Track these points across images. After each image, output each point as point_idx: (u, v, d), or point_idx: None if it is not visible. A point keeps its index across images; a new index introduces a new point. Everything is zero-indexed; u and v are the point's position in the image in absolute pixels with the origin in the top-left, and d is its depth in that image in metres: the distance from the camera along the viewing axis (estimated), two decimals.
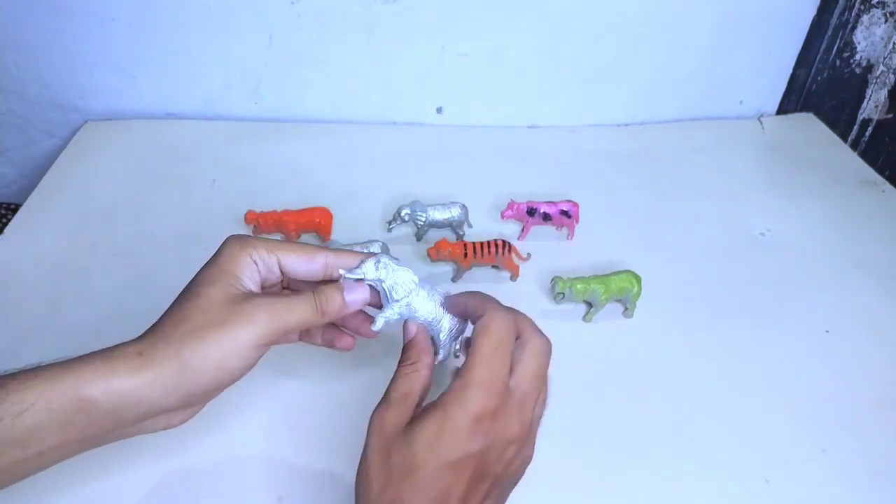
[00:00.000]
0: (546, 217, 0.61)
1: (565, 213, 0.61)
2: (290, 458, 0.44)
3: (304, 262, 0.37)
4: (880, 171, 0.75)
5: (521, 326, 0.34)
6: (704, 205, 0.69)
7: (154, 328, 0.33)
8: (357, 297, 0.37)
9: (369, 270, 0.37)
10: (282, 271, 0.37)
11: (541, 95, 0.79)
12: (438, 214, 0.60)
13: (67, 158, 0.72)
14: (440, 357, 0.38)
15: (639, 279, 0.54)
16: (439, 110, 0.80)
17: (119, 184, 0.68)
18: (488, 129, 0.79)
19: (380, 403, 0.34)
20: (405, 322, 0.38)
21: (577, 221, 0.62)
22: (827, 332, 0.55)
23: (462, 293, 0.37)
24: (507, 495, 0.34)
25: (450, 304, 0.38)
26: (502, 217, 0.62)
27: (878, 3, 0.77)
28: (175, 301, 0.35)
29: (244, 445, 0.45)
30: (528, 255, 0.59)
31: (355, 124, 0.79)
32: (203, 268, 0.36)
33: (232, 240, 0.37)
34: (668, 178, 0.73)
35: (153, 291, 0.58)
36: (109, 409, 0.31)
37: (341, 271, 0.37)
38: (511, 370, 0.32)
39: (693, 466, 0.45)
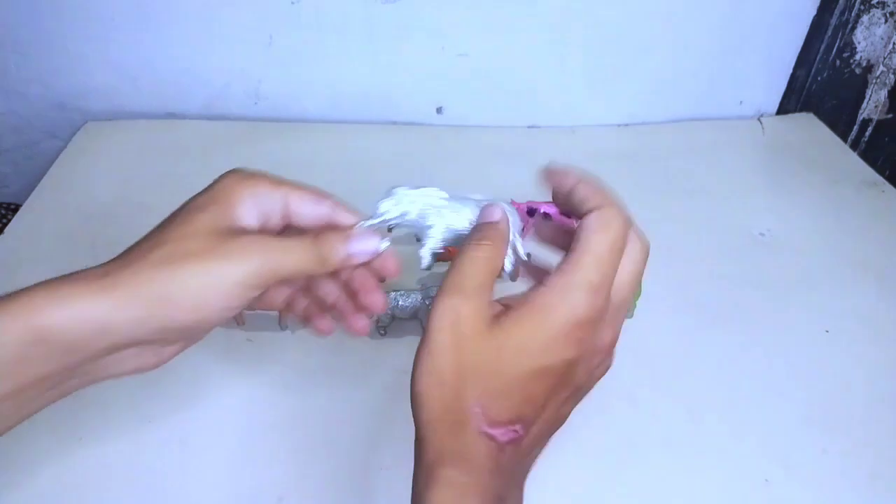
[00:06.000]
0: (546, 217, 0.61)
1: (566, 214, 0.61)
2: (290, 458, 0.44)
3: (311, 203, 0.33)
4: (880, 171, 0.75)
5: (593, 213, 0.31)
6: (704, 205, 0.69)
7: (126, 251, 0.29)
8: (363, 246, 0.32)
9: (389, 208, 0.33)
10: (285, 212, 0.33)
11: (541, 95, 0.79)
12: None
13: (67, 158, 0.72)
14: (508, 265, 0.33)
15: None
16: (439, 110, 0.80)
17: (119, 184, 0.68)
18: (488, 129, 0.79)
19: (450, 292, 0.28)
20: (486, 207, 0.34)
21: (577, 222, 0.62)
22: (827, 332, 0.55)
23: (562, 172, 0.32)
24: (580, 401, 0.32)
25: (549, 180, 0.33)
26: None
27: (878, 3, 0.77)
28: (155, 227, 0.31)
29: (244, 445, 0.45)
30: (529, 255, 0.59)
31: (355, 124, 0.79)
32: (195, 195, 0.32)
33: (232, 171, 0.32)
34: (668, 178, 0.73)
35: None
36: (70, 340, 0.26)
37: (361, 223, 0.33)
38: None
39: (693, 466, 0.45)
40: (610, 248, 0.28)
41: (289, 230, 0.34)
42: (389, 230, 0.59)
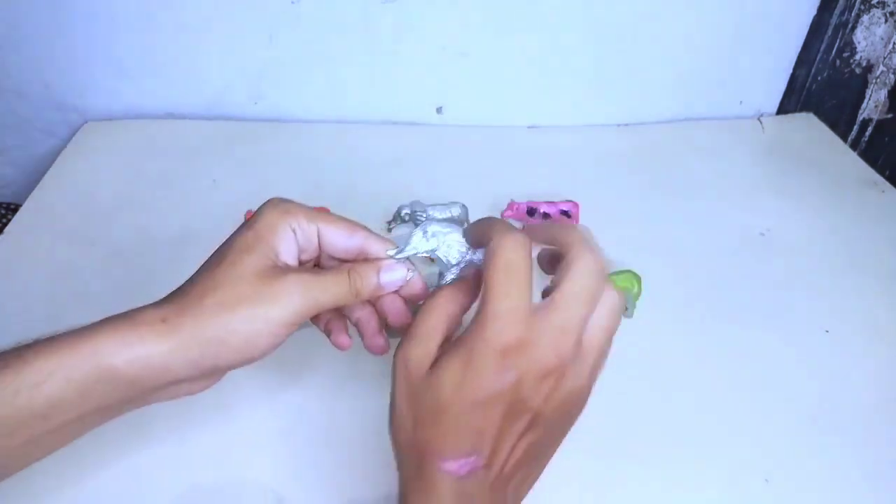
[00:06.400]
0: (546, 217, 0.61)
1: (565, 214, 0.61)
2: (290, 459, 0.44)
3: (344, 237, 0.35)
4: (880, 171, 0.75)
5: (564, 243, 0.31)
6: (704, 205, 0.69)
7: (180, 293, 0.32)
8: (393, 277, 0.35)
9: (419, 243, 0.35)
10: (319, 244, 0.36)
11: (541, 95, 0.79)
12: (438, 214, 0.60)
13: (67, 158, 0.72)
14: None
15: (639, 279, 0.54)
16: (439, 110, 0.80)
17: (119, 184, 0.68)
18: (488, 129, 0.79)
19: (404, 340, 0.31)
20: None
21: (577, 221, 0.62)
22: (827, 332, 0.55)
23: (476, 222, 0.34)
24: (559, 434, 0.32)
25: (469, 236, 0.35)
26: (502, 217, 0.62)
27: (878, 3, 0.77)
28: (205, 264, 0.33)
29: (244, 446, 0.45)
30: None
31: (355, 124, 0.79)
32: (238, 231, 0.34)
33: (272, 205, 0.35)
34: (668, 178, 0.73)
35: (153, 291, 0.58)
36: (131, 377, 0.30)
37: (389, 252, 0.35)
38: (547, 292, 0.30)
39: (692, 466, 0.45)
40: (505, 275, 0.29)
41: (323, 256, 0.37)
42: (390, 230, 0.59)
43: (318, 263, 0.38)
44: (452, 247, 0.35)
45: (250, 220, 0.34)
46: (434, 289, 0.34)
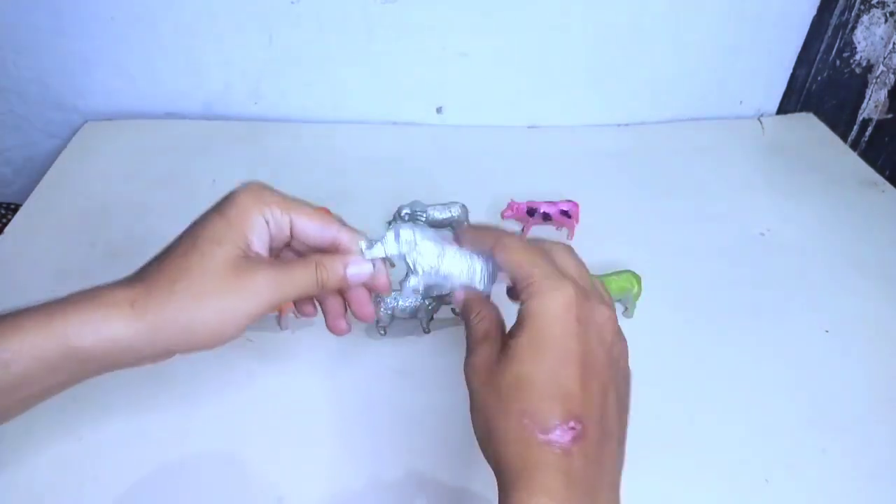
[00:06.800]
0: (546, 217, 0.61)
1: (565, 213, 0.61)
2: (290, 458, 0.44)
3: (316, 229, 0.36)
4: (880, 171, 0.75)
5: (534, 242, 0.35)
6: (704, 205, 0.69)
7: (149, 276, 0.33)
8: (359, 271, 0.36)
9: (390, 245, 0.36)
10: (292, 233, 0.36)
11: (541, 95, 0.79)
12: (438, 214, 0.60)
13: (67, 158, 0.72)
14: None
15: (639, 279, 0.54)
16: (439, 110, 0.80)
17: (119, 184, 0.68)
18: (488, 129, 0.79)
19: (467, 355, 0.33)
20: (452, 294, 0.37)
21: (577, 221, 0.62)
22: (827, 332, 0.55)
23: (468, 230, 0.37)
24: (627, 394, 0.33)
25: (465, 242, 0.37)
26: (502, 217, 0.62)
27: (878, 3, 0.77)
28: (174, 247, 0.33)
29: (244, 445, 0.45)
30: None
31: (355, 124, 0.79)
32: (210, 216, 0.34)
33: (247, 192, 0.35)
34: (668, 178, 0.73)
35: None
36: (98, 356, 0.30)
37: (361, 244, 0.36)
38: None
39: (693, 466, 0.45)
40: (527, 255, 0.32)
41: (295, 242, 0.37)
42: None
43: (288, 244, 0.38)
44: (424, 256, 0.36)
45: (224, 204, 0.34)
46: (464, 312, 0.35)
